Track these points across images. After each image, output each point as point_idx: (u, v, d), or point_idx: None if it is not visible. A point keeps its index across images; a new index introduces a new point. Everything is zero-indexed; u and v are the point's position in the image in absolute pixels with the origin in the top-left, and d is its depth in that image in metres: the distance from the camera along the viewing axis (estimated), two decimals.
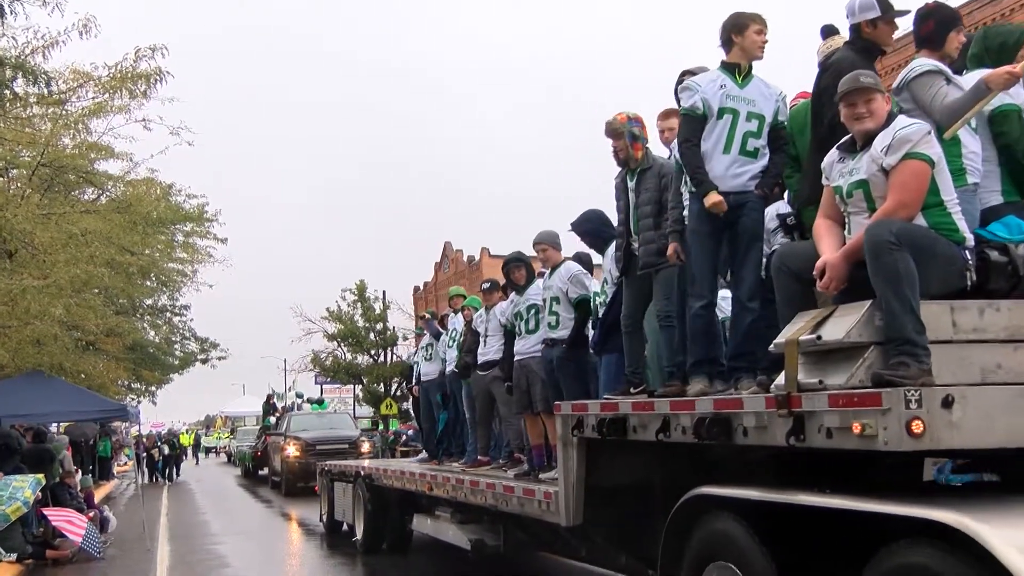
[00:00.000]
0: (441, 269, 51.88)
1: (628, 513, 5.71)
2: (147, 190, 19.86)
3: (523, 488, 7.02)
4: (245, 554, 13.36)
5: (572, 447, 5.89)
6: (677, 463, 5.20)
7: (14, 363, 17.63)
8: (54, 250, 15.57)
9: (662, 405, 4.95)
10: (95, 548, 12.69)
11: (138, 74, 14.57)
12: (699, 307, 5.21)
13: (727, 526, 4.31)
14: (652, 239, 6.03)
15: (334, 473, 14.02)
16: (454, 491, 8.71)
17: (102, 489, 24.99)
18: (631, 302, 6.38)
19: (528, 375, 8.26)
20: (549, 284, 8.01)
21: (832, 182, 4.28)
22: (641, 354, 6.34)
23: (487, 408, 9.90)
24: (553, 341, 7.86)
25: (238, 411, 57.39)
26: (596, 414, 5.60)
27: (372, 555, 11.77)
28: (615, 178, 6.57)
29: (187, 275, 27.04)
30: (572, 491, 5.83)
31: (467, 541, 8.78)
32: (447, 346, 11.17)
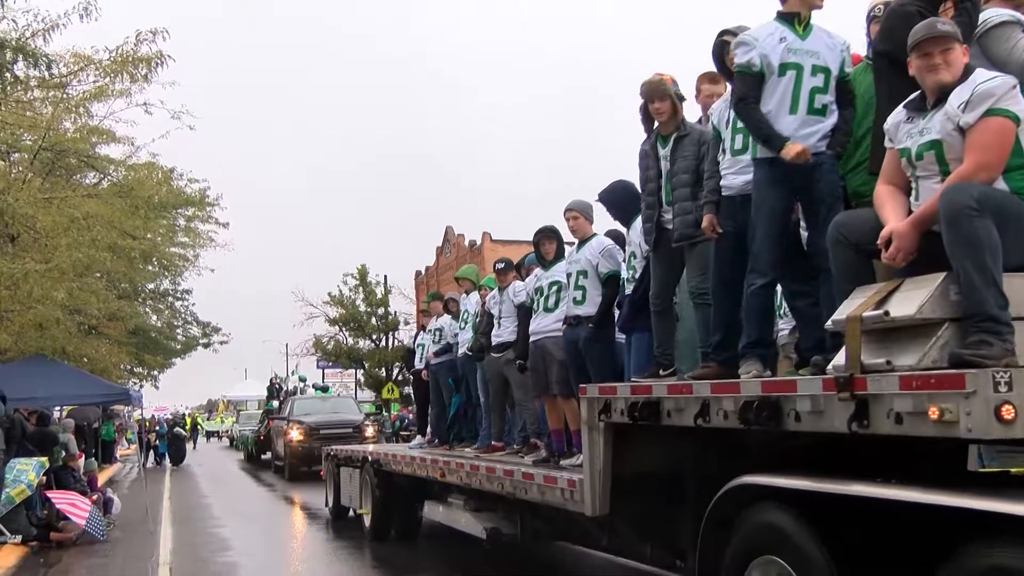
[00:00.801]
0: (443, 253, 51.47)
1: (655, 502, 5.33)
2: (148, 174, 19.39)
3: (544, 475, 6.60)
4: (247, 537, 13.26)
5: (598, 432, 5.46)
6: (711, 450, 4.83)
7: (17, 347, 17.49)
8: (56, 234, 15.26)
9: (702, 388, 4.52)
10: (99, 531, 12.60)
11: (139, 58, 14.15)
12: (760, 285, 4.69)
13: (777, 518, 3.92)
14: (689, 210, 5.58)
15: (340, 458, 13.55)
16: (468, 478, 8.23)
17: (105, 472, 24.69)
18: (661, 278, 5.96)
19: (545, 356, 7.73)
20: (577, 257, 7.43)
21: (898, 144, 3.84)
22: (671, 334, 5.95)
23: (501, 392, 9.44)
24: (578, 319, 7.26)
25: (240, 395, 57.18)
26: (626, 397, 5.15)
27: (380, 542, 11.37)
28: (642, 144, 6.07)
29: (189, 259, 26.70)
30: (598, 479, 5.41)
31: (482, 530, 8.36)
32: (460, 328, 10.62)
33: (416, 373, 12.50)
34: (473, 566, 9.60)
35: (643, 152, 6.07)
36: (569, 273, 7.47)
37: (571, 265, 7.48)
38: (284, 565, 11.16)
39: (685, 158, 5.69)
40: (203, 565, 10.75)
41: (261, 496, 20.39)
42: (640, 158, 6.09)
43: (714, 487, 4.50)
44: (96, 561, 11.17)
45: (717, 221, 5.08)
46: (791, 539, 3.80)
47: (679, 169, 5.71)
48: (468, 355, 10.13)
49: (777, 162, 4.60)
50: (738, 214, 4.97)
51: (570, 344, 7.33)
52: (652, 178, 5.94)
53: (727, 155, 5.08)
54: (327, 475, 14.47)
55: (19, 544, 11.77)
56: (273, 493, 20.46)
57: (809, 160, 4.55)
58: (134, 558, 11.19)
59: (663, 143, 5.87)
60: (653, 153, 5.95)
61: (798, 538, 3.76)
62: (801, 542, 3.74)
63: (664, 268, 5.94)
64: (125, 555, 11.54)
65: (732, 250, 5.02)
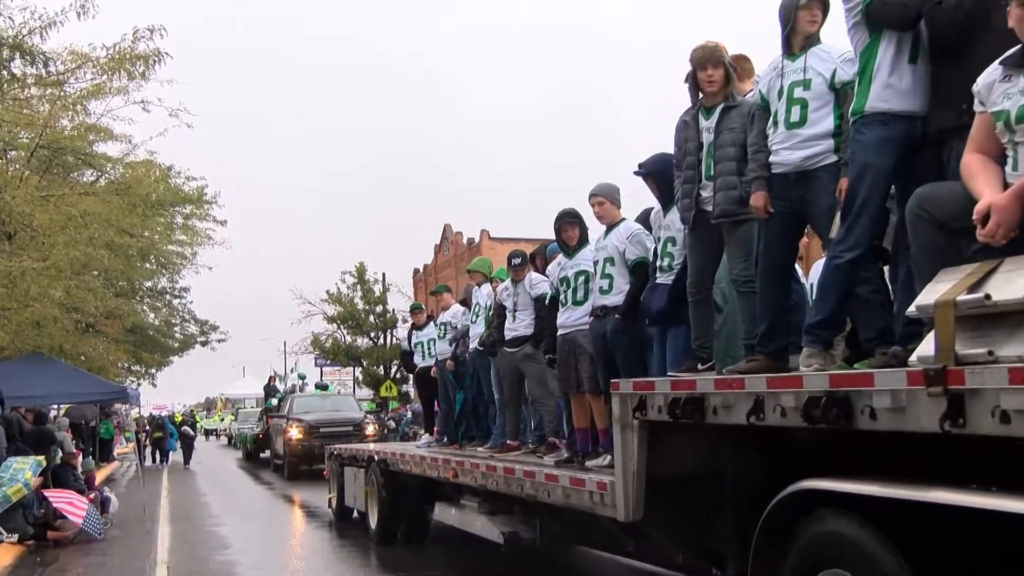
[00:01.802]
0: (441, 251, 51.03)
1: (692, 506, 4.85)
2: (146, 172, 19.37)
3: (569, 477, 6.07)
4: (246, 536, 13.03)
5: (632, 431, 4.94)
6: (755, 450, 4.36)
7: (14, 345, 17.24)
8: (53, 232, 15.07)
9: (756, 383, 4.02)
10: (96, 529, 12.38)
11: (136, 55, 13.96)
12: (848, 260, 4.15)
13: (848, 529, 3.44)
14: (733, 185, 5.09)
15: (344, 457, 12.97)
16: (483, 479, 7.70)
17: (103, 471, 24.49)
18: (699, 263, 5.47)
19: (575, 350, 7.09)
20: (603, 244, 6.85)
21: (992, 107, 3.35)
22: (710, 325, 5.48)
23: (516, 388, 8.88)
24: (604, 309, 6.69)
25: (238, 393, 56.72)
26: (666, 393, 4.65)
27: (387, 545, 10.80)
28: (681, 116, 5.57)
29: (186, 257, 26.48)
30: (631, 481, 4.89)
31: (499, 534, 7.84)
32: (471, 322, 10.02)
33: (424, 370, 11.71)
34: (485, 569, 9.12)
35: (681, 124, 5.57)
36: (596, 261, 6.91)
37: (598, 252, 6.93)
38: (283, 563, 10.90)
39: (732, 130, 5.20)
40: (201, 563, 10.53)
41: (260, 495, 20.07)
42: (677, 131, 5.59)
43: (758, 490, 4.09)
44: (94, 560, 10.92)
45: (769, 199, 4.65)
46: (865, 552, 3.33)
47: (724, 142, 5.22)
48: (480, 350, 9.57)
49: (894, 122, 4.13)
50: (792, 192, 4.55)
51: (597, 337, 6.77)
52: (691, 151, 5.43)
53: (780, 128, 4.62)
54: (330, 475, 13.88)
55: (16, 543, 11.55)
56: (272, 492, 20.12)
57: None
58: (132, 556, 10.96)
59: (706, 114, 5.40)
60: (694, 124, 5.45)
61: (872, 550, 3.29)
62: (878, 556, 3.26)
63: (702, 252, 5.45)
64: (123, 554, 11.31)
65: (783, 232, 4.63)
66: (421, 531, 10.84)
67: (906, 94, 4.11)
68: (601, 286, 6.74)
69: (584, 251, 7.25)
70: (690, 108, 5.52)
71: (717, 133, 5.28)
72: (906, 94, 4.11)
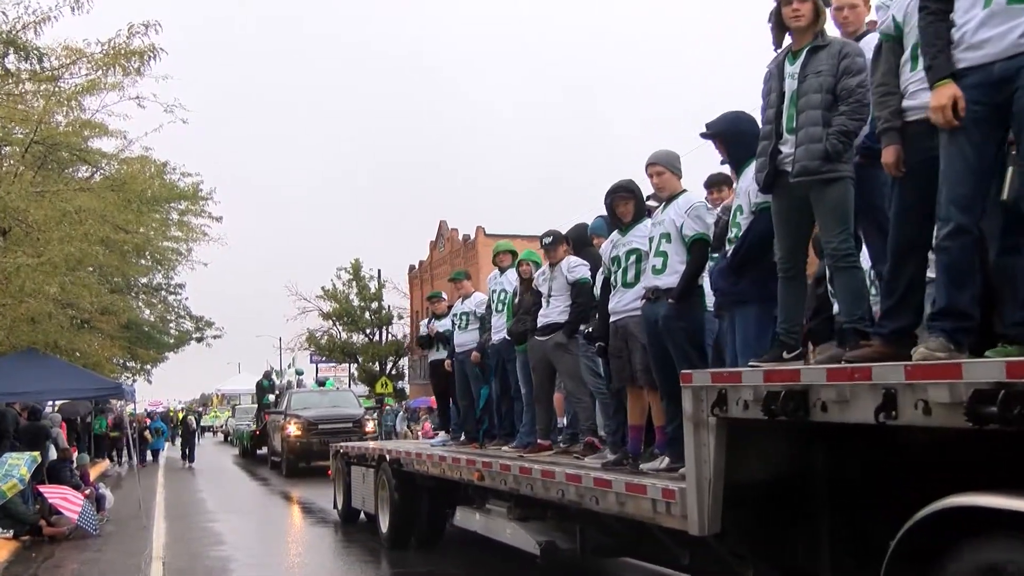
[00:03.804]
0: (436, 248, 51.19)
1: (773, 517, 4.28)
2: (141, 168, 19.24)
3: (625, 483, 5.33)
4: (241, 532, 13.02)
5: (708, 430, 4.33)
6: (858, 454, 3.82)
7: (9, 341, 17.14)
8: (48, 228, 14.91)
9: (888, 372, 3.37)
10: (91, 525, 12.44)
11: (131, 51, 13.84)
12: (957, 232, 3.60)
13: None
14: (817, 137, 4.44)
15: (352, 456, 12.23)
16: (516, 483, 6.96)
17: (98, 467, 24.32)
18: (788, 233, 4.72)
19: (628, 339, 6.32)
20: (660, 219, 6.07)
21: None
22: (801, 306, 4.80)
23: (548, 381, 8.12)
24: (656, 291, 5.91)
25: (234, 389, 57.05)
26: (757, 386, 4.01)
27: (399, 551, 10.15)
28: (768, 65, 4.91)
29: (182, 253, 26.52)
30: (707, 489, 4.29)
31: (534, 544, 7.06)
32: (495, 310, 9.19)
33: (438, 363, 10.97)
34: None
35: (767, 73, 4.88)
36: (651, 237, 6.13)
37: (654, 228, 6.13)
38: (279, 560, 10.76)
39: (819, 73, 4.53)
40: (196, 560, 10.47)
41: (257, 492, 19.89)
42: (764, 82, 4.91)
43: (860, 500, 3.64)
44: (89, 555, 10.94)
45: (901, 154, 3.94)
46: None
47: (810, 87, 4.55)
48: (507, 339, 8.78)
49: None
50: (931, 144, 3.79)
51: (648, 323, 5.97)
52: (773, 103, 4.76)
53: (921, 63, 3.83)
54: (336, 474, 13.19)
55: (11, 539, 11.62)
56: (269, 489, 19.90)
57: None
58: (127, 553, 10.96)
59: (792, 59, 4.71)
60: (778, 72, 4.75)
61: None
62: None
63: (787, 220, 4.73)
64: (118, 549, 11.33)
65: (920, 192, 3.88)
66: (436, 536, 10.16)
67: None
68: (654, 265, 6.03)
69: (639, 227, 6.48)
70: (778, 54, 4.85)
71: (802, 79, 4.60)
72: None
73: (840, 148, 4.41)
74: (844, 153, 4.44)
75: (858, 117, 4.46)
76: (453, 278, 10.59)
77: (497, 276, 9.26)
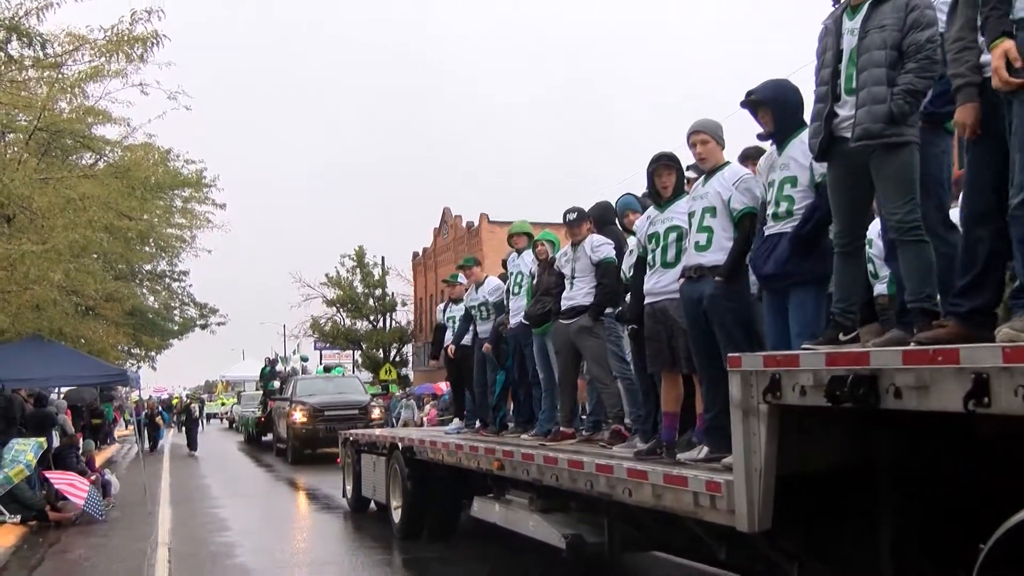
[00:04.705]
0: (440, 235, 51.17)
1: (828, 512, 4.02)
2: (145, 155, 19.25)
3: (664, 475, 4.95)
4: (247, 518, 13.04)
5: (759, 419, 3.98)
6: (926, 443, 3.58)
7: (14, 328, 17.11)
8: (52, 215, 14.88)
9: (981, 355, 3.02)
10: (97, 511, 12.50)
11: (134, 37, 13.74)
12: None
13: None
14: (881, 97, 4.05)
15: (361, 444, 11.89)
16: (540, 473, 6.57)
17: (103, 453, 24.31)
18: (846, 204, 4.36)
19: (668, 323, 5.87)
20: (703, 191, 5.61)
21: None
22: (859, 285, 4.47)
23: (572, 366, 7.71)
24: (700, 269, 5.47)
25: (238, 376, 57.21)
26: (817, 370, 3.69)
27: (412, 540, 9.87)
28: (823, 21, 4.51)
29: (186, 240, 26.51)
30: (757, 481, 3.95)
31: (559, 537, 6.62)
32: (512, 293, 8.79)
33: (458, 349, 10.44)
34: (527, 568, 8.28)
35: (823, 30, 4.47)
36: (692, 212, 5.66)
37: (695, 202, 5.66)
38: (285, 545, 10.70)
39: (883, 28, 4.13)
40: (201, 545, 10.51)
41: (262, 478, 19.83)
42: (818, 40, 4.51)
43: (929, 494, 3.39)
44: (95, 541, 10.98)
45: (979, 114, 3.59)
46: None
47: (872, 44, 4.14)
48: (525, 324, 8.39)
49: None
50: None
51: (690, 303, 5.54)
52: (829, 62, 4.36)
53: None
54: (344, 463, 12.90)
55: (19, 524, 11.63)
56: (274, 475, 19.81)
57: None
58: (133, 538, 11.01)
59: (851, 14, 4.31)
60: (836, 28, 4.36)
61: None
62: None
63: (845, 189, 4.35)
64: (124, 535, 11.39)
65: (999, 157, 3.56)
66: (450, 527, 9.85)
67: None
68: (697, 241, 5.55)
69: (678, 203, 6.00)
70: (834, 9, 4.47)
71: (863, 35, 4.19)
72: None
73: (907, 109, 4.04)
74: (911, 115, 4.08)
75: (927, 75, 4.06)
76: (462, 265, 10.27)
77: (515, 258, 8.94)
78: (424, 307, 51.74)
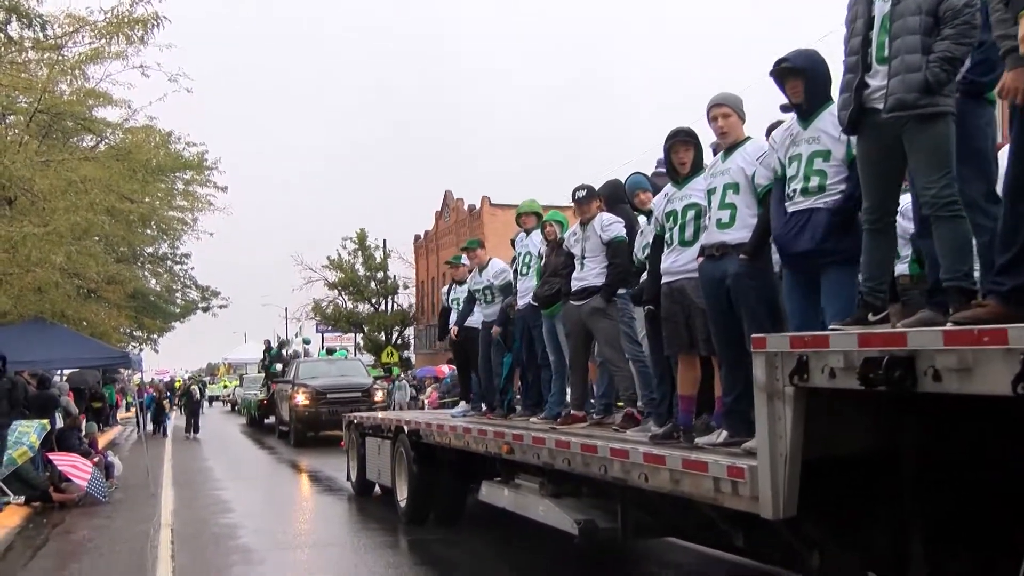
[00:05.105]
0: (442, 218, 51.19)
1: (851, 498, 3.91)
2: (146, 138, 19.30)
3: (682, 459, 4.75)
4: (249, 500, 13.06)
5: (784, 402, 3.84)
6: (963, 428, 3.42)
7: (16, 310, 17.03)
8: (53, 197, 14.85)
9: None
10: (100, 493, 12.57)
11: (134, 19, 13.81)
12: None
13: None
14: (916, 65, 3.85)
15: (366, 427, 11.70)
16: (551, 457, 6.39)
17: (106, 435, 24.22)
18: (876, 179, 4.17)
19: (685, 303, 5.67)
20: (724, 167, 5.38)
21: None
22: (889, 263, 4.32)
23: (583, 348, 7.49)
24: (723, 248, 5.25)
25: (240, 358, 57.41)
26: (848, 351, 3.53)
27: (417, 525, 9.72)
28: None
29: (187, 223, 26.50)
30: (782, 467, 3.82)
31: (571, 523, 6.44)
32: (520, 273, 8.63)
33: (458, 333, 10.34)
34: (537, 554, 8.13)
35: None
36: (712, 189, 5.42)
37: (715, 178, 5.43)
38: (287, 526, 10.72)
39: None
40: (204, 526, 10.53)
41: (264, 461, 19.83)
42: (848, 8, 4.31)
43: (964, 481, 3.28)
44: (98, 522, 11.00)
45: None
46: None
47: (906, 9, 3.94)
48: (533, 305, 8.19)
49: None
50: None
51: (711, 283, 5.32)
52: (859, 30, 4.16)
53: None
54: (348, 446, 12.76)
55: (22, 505, 11.65)
56: (277, 458, 19.77)
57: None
58: (136, 519, 11.08)
59: None
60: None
61: None
62: None
63: (876, 163, 4.15)
64: (127, 516, 11.43)
65: None
66: (457, 511, 9.68)
67: None
68: (719, 219, 5.32)
69: (696, 180, 5.78)
70: None
71: (896, 0, 4.00)
72: None
73: (943, 78, 3.84)
74: (947, 84, 3.88)
75: (965, 42, 3.87)
76: (466, 247, 10.05)
77: (523, 238, 8.74)
78: (426, 290, 51.83)
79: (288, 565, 8.46)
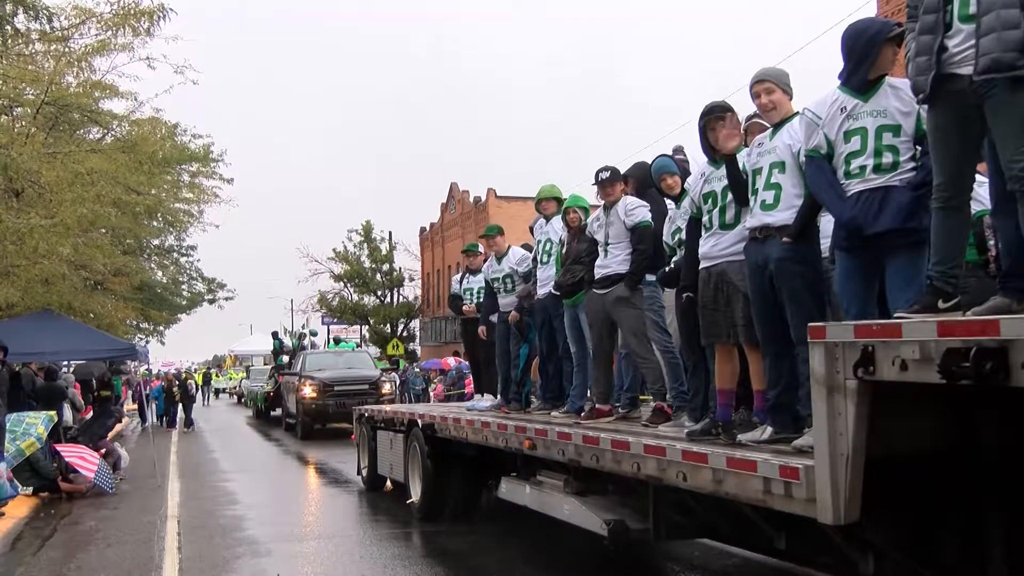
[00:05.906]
0: (447, 210, 51.06)
1: (920, 502, 3.61)
2: (152, 130, 19.19)
3: (727, 458, 4.39)
4: (255, 491, 13.07)
5: (845, 396, 3.52)
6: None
7: (24, 302, 17.16)
8: (60, 189, 14.79)
9: None
10: (107, 484, 12.67)
11: (140, 11, 13.74)
12: None
13: None
14: (1014, 21, 3.37)
15: (377, 420, 11.47)
16: (577, 453, 6.02)
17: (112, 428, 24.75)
18: (953, 152, 3.76)
19: (725, 288, 5.31)
20: (771, 146, 4.98)
21: None
22: (962, 244, 3.93)
23: (607, 338, 7.09)
24: (767, 230, 4.87)
25: (246, 350, 57.51)
26: (924, 341, 3.20)
27: (431, 522, 9.46)
28: None
29: (193, 215, 26.45)
30: (844, 468, 3.50)
31: (600, 523, 6.07)
32: (540, 262, 8.30)
33: (473, 325, 10.12)
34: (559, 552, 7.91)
35: None
36: (758, 168, 5.03)
37: (759, 158, 5.05)
38: (293, 518, 10.64)
39: None
40: (210, 517, 10.57)
41: (270, 453, 19.71)
42: None
43: None
44: (105, 513, 11.08)
45: None
46: None
47: None
48: (554, 294, 7.88)
49: None
50: None
51: (756, 268, 4.95)
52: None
53: None
54: (359, 439, 12.54)
55: (31, 496, 11.82)
56: (283, 450, 19.65)
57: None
58: (142, 510, 11.14)
59: None
60: None
61: None
62: None
63: (958, 135, 3.72)
64: (133, 508, 11.49)
65: None
66: (472, 508, 9.46)
67: None
68: (764, 200, 4.93)
69: (736, 158, 5.42)
70: None
71: None
72: None
73: None
74: None
75: None
76: (485, 234, 9.59)
77: (543, 224, 8.40)
78: (431, 282, 51.80)
79: (294, 556, 8.36)
